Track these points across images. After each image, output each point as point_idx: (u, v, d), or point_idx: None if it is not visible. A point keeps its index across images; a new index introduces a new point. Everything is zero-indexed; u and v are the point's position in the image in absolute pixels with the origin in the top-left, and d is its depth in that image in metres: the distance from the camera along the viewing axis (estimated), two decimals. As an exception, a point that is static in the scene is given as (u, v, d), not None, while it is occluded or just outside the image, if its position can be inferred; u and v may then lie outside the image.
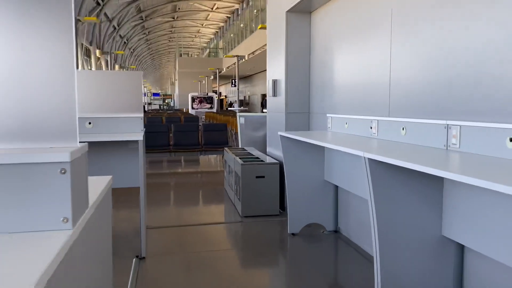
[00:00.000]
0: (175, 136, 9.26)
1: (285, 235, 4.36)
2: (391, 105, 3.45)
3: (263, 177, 5.01)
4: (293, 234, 4.33)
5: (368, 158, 2.38)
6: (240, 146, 7.24)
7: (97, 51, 30.90)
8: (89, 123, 3.94)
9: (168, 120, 14.51)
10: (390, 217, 2.41)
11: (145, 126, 4.31)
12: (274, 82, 5.57)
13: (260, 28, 12.47)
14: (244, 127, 7.18)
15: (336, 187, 4.37)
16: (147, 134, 5.62)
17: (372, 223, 2.41)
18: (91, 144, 1.86)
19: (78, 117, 1.21)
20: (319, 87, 5.03)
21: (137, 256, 3.69)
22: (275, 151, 5.64)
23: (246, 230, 4.61)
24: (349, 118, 4.05)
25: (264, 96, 37.87)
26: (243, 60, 25.06)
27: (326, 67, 4.79)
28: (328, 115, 4.56)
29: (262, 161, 5.30)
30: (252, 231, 4.57)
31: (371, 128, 3.58)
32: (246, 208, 4.99)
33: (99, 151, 3.97)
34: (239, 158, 5.43)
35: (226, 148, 6.66)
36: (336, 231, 4.45)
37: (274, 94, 5.61)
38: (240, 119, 7.09)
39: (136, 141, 3.77)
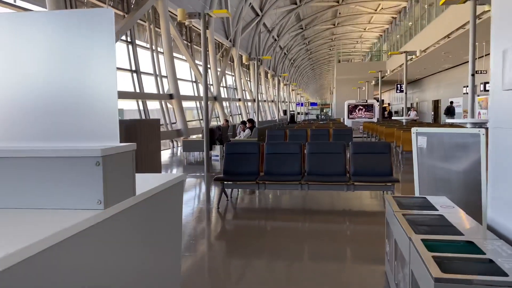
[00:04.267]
0: (310, 161, 6.28)
1: None
2: None
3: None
4: None
5: None
6: (416, 190, 3.87)
7: (269, 73, 31.18)
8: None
9: (314, 134, 11.63)
10: None
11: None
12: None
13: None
14: (425, 154, 3.79)
15: None
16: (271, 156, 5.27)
17: None
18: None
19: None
20: None
21: None
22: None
23: None
24: None
25: (437, 102, 32.11)
26: (413, 57, 20.65)
27: None
28: None
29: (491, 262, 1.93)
30: None
31: None
32: None
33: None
34: (427, 250, 2.15)
35: (388, 197, 3.42)
36: None
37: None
38: (419, 140, 3.72)
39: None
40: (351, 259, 4.25)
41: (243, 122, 14.20)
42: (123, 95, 14.17)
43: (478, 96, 19.95)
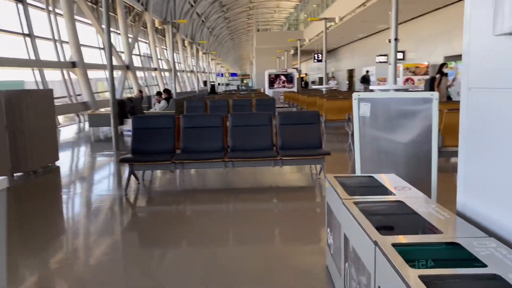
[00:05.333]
0: (233, 134, 5.54)
1: None
2: None
3: None
4: None
5: None
6: (358, 165, 3.32)
7: (186, 41, 33.00)
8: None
9: (236, 105, 10.89)
10: None
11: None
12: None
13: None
14: (368, 124, 3.23)
15: None
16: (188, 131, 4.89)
17: None
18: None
19: None
20: None
21: None
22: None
23: None
24: None
25: (351, 71, 32.99)
26: (332, 24, 20.57)
27: None
28: None
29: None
30: None
31: None
32: None
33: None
34: (406, 262, 1.53)
35: (330, 178, 2.80)
36: None
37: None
38: (362, 108, 3.14)
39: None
40: (282, 241, 3.65)
41: (158, 93, 12.99)
42: (11, 62, 12.14)
43: (390, 64, 20.61)
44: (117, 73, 19.19)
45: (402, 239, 1.71)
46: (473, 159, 2.09)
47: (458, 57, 15.89)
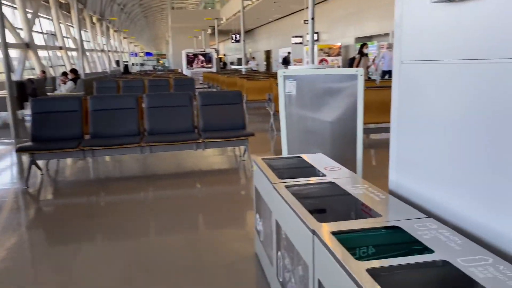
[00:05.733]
0: (150, 116, 5.13)
1: None
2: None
3: None
4: None
5: None
6: (284, 146, 3.18)
7: (94, 18, 30.49)
8: None
9: (152, 86, 10.29)
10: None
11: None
12: None
13: None
14: (294, 102, 3.09)
15: None
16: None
17: None
18: None
19: None
20: None
21: None
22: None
23: None
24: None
25: (268, 52, 33.23)
26: (250, 3, 20.38)
27: None
28: None
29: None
30: None
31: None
32: None
33: None
34: (349, 253, 1.39)
35: (258, 161, 2.61)
36: None
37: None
38: (287, 85, 2.97)
39: None
40: (208, 228, 3.43)
41: (64, 74, 11.86)
42: None
43: (305, 46, 21.05)
44: (16, 52, 17.23)
45: (341, 225, 1.57)
46: (405, 136, 2.02)
47: (368, 39, 16.66)
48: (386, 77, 11.24)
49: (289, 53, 24.15)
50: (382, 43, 15.45)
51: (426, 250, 1.54)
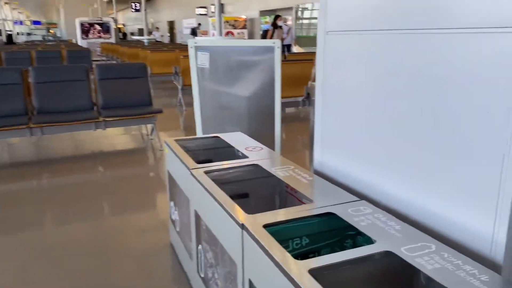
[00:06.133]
0: (38, 93, 4.47)
1: None
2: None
3: None
4: None
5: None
6: (198, 124, 2.93)
7: None
8: None
9: (41, 57, 9.14)
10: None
11: None
12: None
13: None
14: (207, 77, 2.83)
15: None
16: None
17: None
18: None
19: None
20: None
21: None
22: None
23: None
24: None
25: (172, 23, 31.83)
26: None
27: None
28: None
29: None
30: None
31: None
32: None
33: None
34: (283, 248, 1.22)
35: (170, 142, 2.33)
36: None
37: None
38: (200, 57, 2.69)
39: None
40: (115, 216, 3.08)
41: None
42: None
43: (210, 17, 20.51)
44: None
45: (273, 217, 1.40)
46: (330, 111, 1.91)
47: (272, 12, 16.68)
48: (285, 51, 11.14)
49: (199, 24, 23.37)
50: (286, 16, 15.61)
51: (359, 234, 1.45)
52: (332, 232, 1.46)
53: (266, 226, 1.33)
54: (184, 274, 2.26)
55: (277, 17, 11.15)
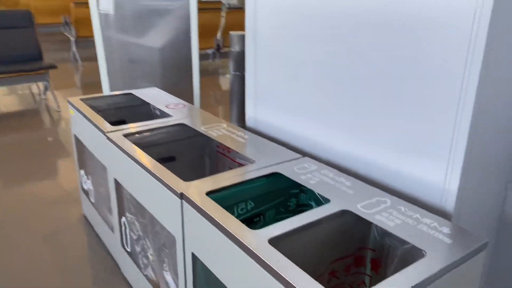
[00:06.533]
0: None
1: None
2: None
3: None
4: None
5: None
6: (105, 85, 2.57)
7: None
8: None
9: None
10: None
11: None
12: None
13: None
14: (112, 25, 2.46)
15: None
16: None
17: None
18: None
19: None
20: None
21: None
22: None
23: None
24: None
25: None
26: None
27: None
28: None
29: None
30: None
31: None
32: None
33: None
34: (229, 213, 1.08)
35: (75, 101, 2.00)
36: None
37: None
38: (102, 2, 2.31)
39: None
40: (12, 188, 2.67)
41: None
42: None
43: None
44: None
45: (216, 182, 1.25)
46: (261, 65, 1.76)
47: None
48: None
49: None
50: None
51: (302, 192, 1.37)
52: (276, 192, 1.36)
53: (209, 194, 1.18)
54: (105, 248, 2.03)
55: None
